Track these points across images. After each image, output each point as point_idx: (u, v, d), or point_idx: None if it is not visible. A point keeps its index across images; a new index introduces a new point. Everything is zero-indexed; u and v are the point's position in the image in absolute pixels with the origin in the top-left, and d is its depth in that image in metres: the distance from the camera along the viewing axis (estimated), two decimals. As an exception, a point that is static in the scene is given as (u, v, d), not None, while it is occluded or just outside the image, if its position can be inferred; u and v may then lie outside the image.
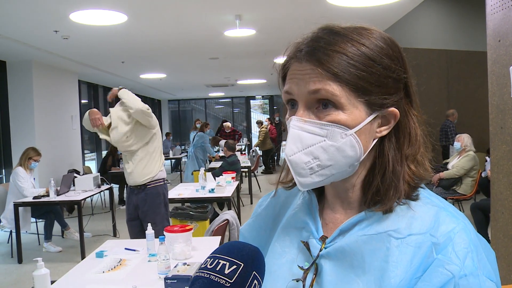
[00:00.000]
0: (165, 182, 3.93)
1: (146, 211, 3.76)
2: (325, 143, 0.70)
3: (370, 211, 0.73)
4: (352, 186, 0.76)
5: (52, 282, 2.29)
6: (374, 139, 0.73)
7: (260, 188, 9.65)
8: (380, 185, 0.73)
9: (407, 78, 0.75)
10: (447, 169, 5.92)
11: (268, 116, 17.61)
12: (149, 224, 2.86)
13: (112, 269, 2.56)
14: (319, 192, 0.84)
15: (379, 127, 0.73)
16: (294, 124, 0.72)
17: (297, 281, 0.76)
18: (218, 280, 0.63)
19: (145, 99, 16.36)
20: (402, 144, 0.74)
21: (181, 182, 9.50)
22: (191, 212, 4.61)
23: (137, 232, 3.81)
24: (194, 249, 2.80)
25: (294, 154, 0.72)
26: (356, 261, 0.71)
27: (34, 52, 6.88)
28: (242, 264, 0.65)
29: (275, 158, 13.60)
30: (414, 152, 0.74)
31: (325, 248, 0.76)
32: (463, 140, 5.85)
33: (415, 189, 0.74)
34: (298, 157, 0.71)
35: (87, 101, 11.37)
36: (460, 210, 5.89)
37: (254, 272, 0.65)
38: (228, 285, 0.62)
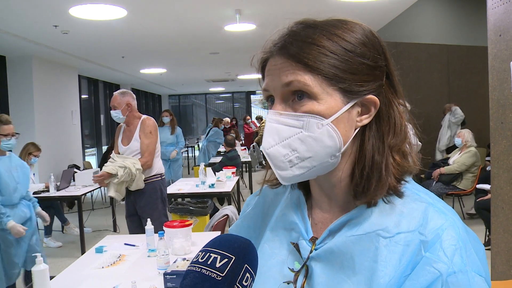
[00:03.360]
0: (162, 177, 3.90)
1: (143, 207, 3.75)
2: (302, 134, 0.69)
3: (358, 206, 0.72)
4: (338, 182, 0.75)
5: (52, 278, 2.29)
6: (355, 129, 0.72)
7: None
8: (361, 175, 0.71)
9: (389, 66, 0.74)
10: (448, 164, 5.92)
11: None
12: (148, 220, 2.86)
13: (111, 264, 2.56)
14: (306, 191, 0.82)
15: (359, 115, 0.72)
16: (270, 117, 0.72)
17: (288, 283, 0.75)
18: (210, 274, 0.62)
19: (145, 94, 16.35)
20: (384, 133, 0.72)
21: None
22: (191, 207, 4.61)
23: (136, 228, 3.81)
24: (193, 244, 2.80)
25: (272, 147, 0.71)
26: (346, 262, 0.70)
27: (34, 47, 6.86)
28: (234, 257, 0.64)
29: None
30: (399, 142, 0.73)
31: (315, 249, 0.75)
32: (463, 136, 5.83)
33: (400, 182, 0.72)
34: (275, 149, 0.71)
35: (87, 96, 11.35)
36: (460, 205, 5.80)
37: (246, 265, 0.64)
38: (220, 278, 0.62)
